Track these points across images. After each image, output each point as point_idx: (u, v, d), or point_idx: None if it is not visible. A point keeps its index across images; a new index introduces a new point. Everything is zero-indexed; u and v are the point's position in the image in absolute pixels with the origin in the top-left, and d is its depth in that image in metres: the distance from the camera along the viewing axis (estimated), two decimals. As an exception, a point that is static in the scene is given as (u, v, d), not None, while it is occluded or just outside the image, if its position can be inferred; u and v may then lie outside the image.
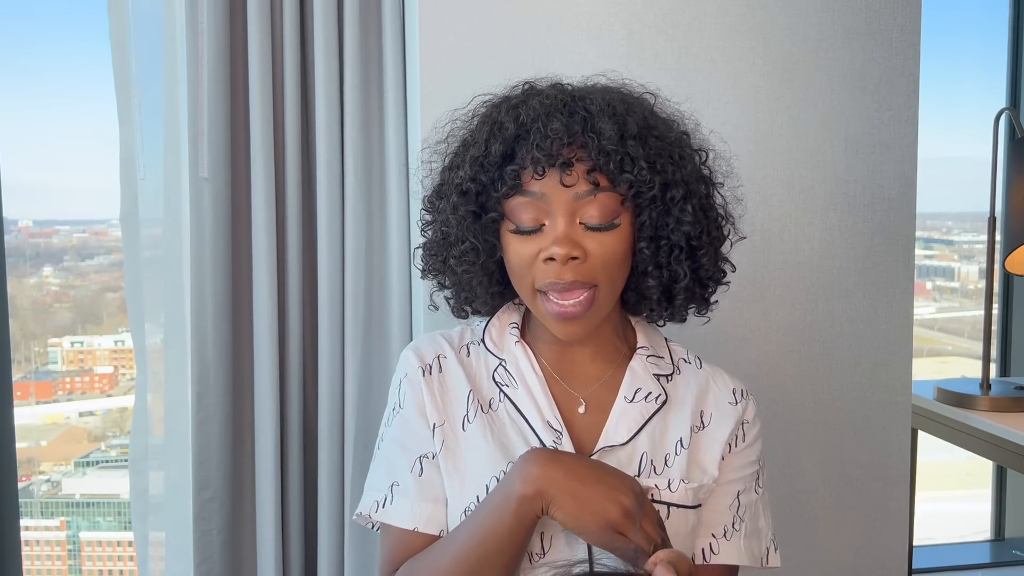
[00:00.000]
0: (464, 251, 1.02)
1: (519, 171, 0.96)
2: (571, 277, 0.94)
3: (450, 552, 0.95)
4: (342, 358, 1.58)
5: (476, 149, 0.99)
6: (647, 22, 1.49)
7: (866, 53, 1.55)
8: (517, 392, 1.03)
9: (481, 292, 1.06)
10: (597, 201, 0.95)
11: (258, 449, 1.56)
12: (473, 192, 0.99)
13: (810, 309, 1.58)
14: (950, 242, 2.89)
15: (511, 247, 0.98)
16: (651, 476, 1.00)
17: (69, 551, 2.78)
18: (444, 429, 1.03)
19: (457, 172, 1.01)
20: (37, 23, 2.49)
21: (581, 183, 0.94)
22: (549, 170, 0.94)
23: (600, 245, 0.95)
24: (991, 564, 2.49)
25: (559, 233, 0.94)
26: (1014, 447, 1.88)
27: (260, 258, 1.53)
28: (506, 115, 0.98)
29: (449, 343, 1.09)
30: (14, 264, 1.85)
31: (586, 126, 0.95)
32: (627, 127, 0.95)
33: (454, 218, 1.01)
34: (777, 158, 1.55)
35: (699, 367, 1.10)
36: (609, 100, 0.98)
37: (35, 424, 2.75)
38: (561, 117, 0.95)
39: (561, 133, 0.94)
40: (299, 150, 1.55)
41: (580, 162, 0.95)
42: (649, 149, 0.96)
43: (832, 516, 1.62)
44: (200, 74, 1.48)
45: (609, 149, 0.94)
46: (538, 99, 0.99)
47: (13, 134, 2.25)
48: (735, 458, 1.05)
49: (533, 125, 0.95)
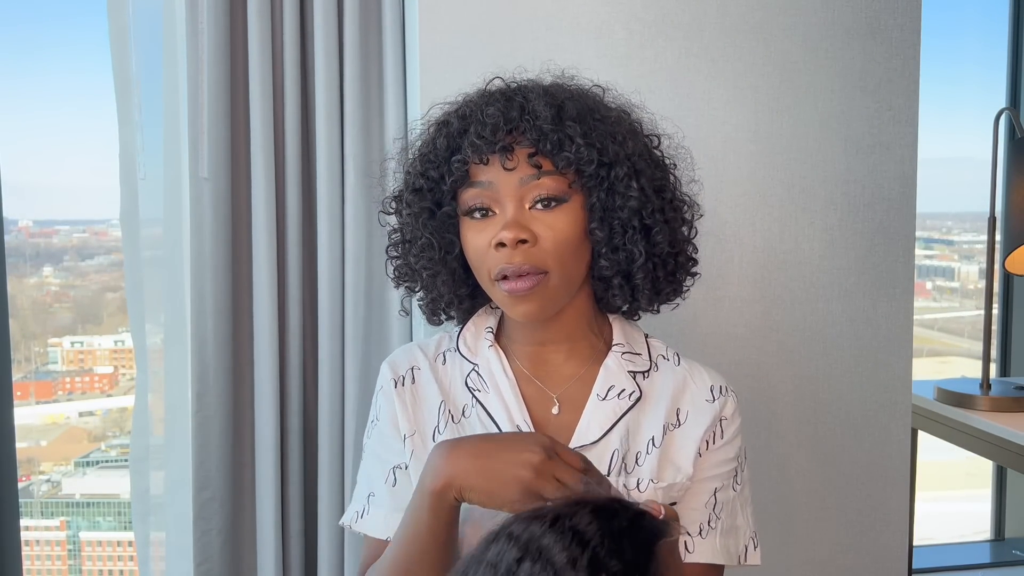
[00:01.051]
0: (422, 247, 1.03)
1: (464, 161, 0.98)
2: (520, 260, 0.95)
3: (387, 559, 0.97)
4: (342, 358, 1.58)
5: (425, 147, 1.02)
6: (647, 22, 1.49)
7: (866, 53, 1.56)
8: (488, 396, 1.03)
9: (447, 292, 1.06)
10: (541, 185, 0.96)
11: (258, 449, 1.56)
12: (425, 188, 1.01)
13: (810, 309, 1.58)
14: (950, 242, 2.89)
15: (467, 239, 1.00)
16: (621, 475, 1.00)
17: (69, 551, 2.78)
18: (415, 439, 1.04)
19: (409, 172, 1.04)
20: (37, 24, 2.49)
21: (523, 166, 0.96)
22: (491, 157, 0.96)
23: (549, 228, 0.96)
24: (991, 564, 2.49)
25: (509, 218, 0.96)
26: (1014, 447, 1.88)
27: (260, 258, 1.53)
28: (453, 114, 1.02)
29: (424, 353, 1.10)
30: (14, 264, 1.85)
31: (523, 111, 0.97)
32: (565, 109, 0.97)
33: (410, 216, 1.04)
34: (777, 158, 1.55)
35: (677, 364, 1.09)
36: (548, 88, 1.01)
37: (35, 424, 2.75)
38: (498, 104, 0.98)
39: (497, 118, 0.96)
40: (299, 150, 1.55)
41: (520, 146, 0.96)
42: (588, 128, 0.97)
43: (832, 516, 1.62)
44: (200, 74, 1.48)
45: (546, 129, 0.95)
46: (479, 95, 1.02)
47: (13, 134, 2.25)
48: (712, 455, 1.05)
49: (473, 116, 0.98)
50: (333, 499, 1.58)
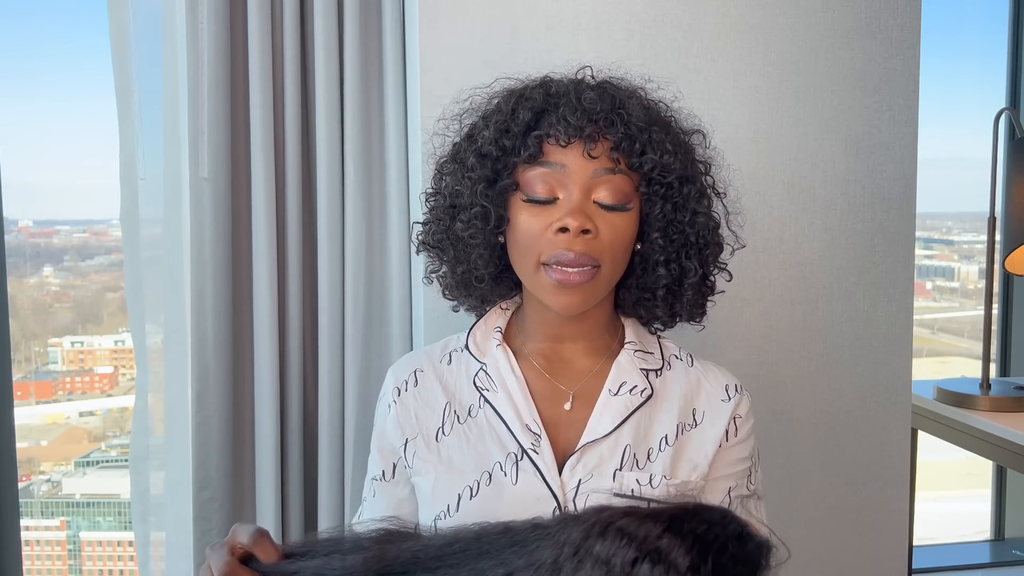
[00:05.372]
0: (473, 216, 1.00)
1: (543, 138, 0.96)
2: (581, 249, 0.94)
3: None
4: (342, 358, 1.58)
5: (500, 116, 1.00)
6: (647, 22, 1.49)
7: (866, 53, 1.56)
8: (497, 396, 1.03)
9: (480, 265, 1.04)
10: (612, 182, 0.96)
11: (258, 449, 1.56)
12: (493, 156, 0.99)
13: (810, 309, 1.58)
14: (950, 242, 2.89)
15: (520, 218, 0.98)
16: (633, 470, 1.00)
17: (69, 551, 2.78)
18: (416, 442, 1.04)
19: (477, 137, 1.01)
20: (37, 23, 2.49)
21: (603, 159, 0.96)
22: (574, 141, 0.96)
23: (610, 226, 0.96)
24: (991, 564, 2.48)
25: (574, 204, 0.95)
26: (1014, 447, 1.88)
27: (260, 258, 1.53)
28: (533, 91, 1.00)
29: (429, 356, 1.10)
30: (14, 264, 1.85)
31: (615, 104, 0.96)
32: (653, 114, 0.98)
33: (468, 181, 1.01)
34: (777, 158, 1.55)
35: (690, 364, 1.09)
36: (634, 89, 1.01)
37: (35, 424, 2.75)
38: (591, 94, 0.97)
39: (595, 103, 0.95)
40: (299, 150, 1.55)
41: (605, 138, 0.96)
42: (674, 139, 0.99)
43: (832, 516, 1.62)
44: (200, 74, 1.48)
45: (635, 129, 0.95)
46: (564, 81, 1.01)
47: (13, 134, 2.25)
48: (727, 453, 1.05)
49: (563, 98, 0.97)
50: (333, 499, 1.58)
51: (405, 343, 1.58)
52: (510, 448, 1.00)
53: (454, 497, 0.99)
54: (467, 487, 0.99)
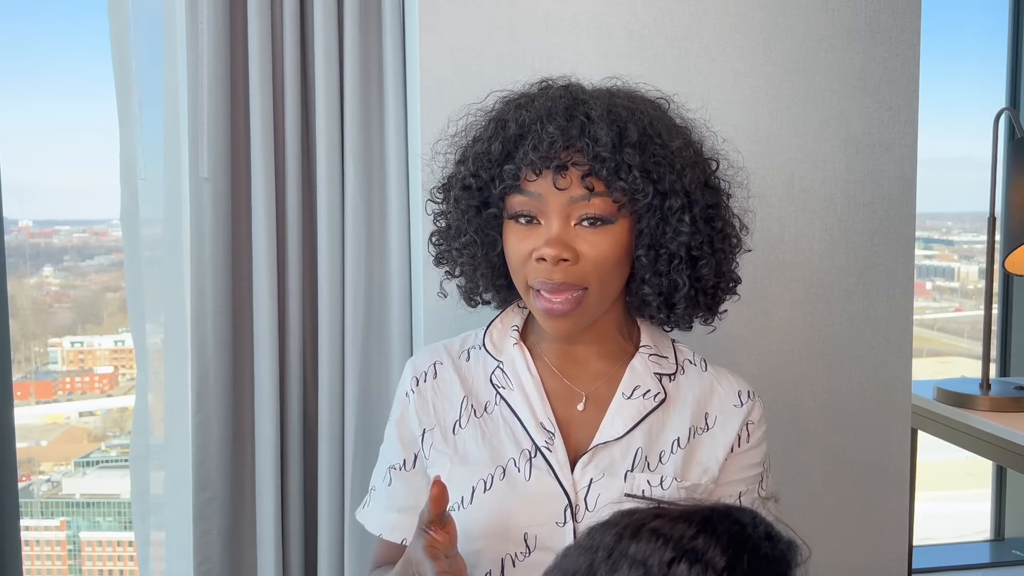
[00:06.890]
0: (465, 244, 1.04)
1: (517, 171, 0.97)
2: (560, 278, 0.96)
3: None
4: (342, 358, 1.58)
5: (480, 146, 1.01)
6: (647, 22, 1.49)
7: (866, 53, 1.56)
8: (513, 394, 1.05)
9: (485, 284, 1.08)
10: (592, 205, 0.96)
11: (258, 449, 1.56)
12: (475, 187, 1.01)
13: (810, 309, 1.58)
14: (950, 242, 2.89)
15: (509, 241, 1.00)
16: (644, 472, 1.01)
17: (69, 551, 2.78)
18: (434, 433, 1.06)
19: (461, 167, 1.03)
20: (37, 23, 2.49)
21: (575, 187, 0.95)
22: (544, 171, 0.96)
23: (593, 247, 0.96)
24: (991, 564, 2.48)
25: (552, 234, 0.96)
26: (1014, 447, 1.88)
27: (260, 258, 1.53)
28: (512, 114, 1.00)
29: (448, 350, 1.11)
30: (14, 264, 1.85)
31: (583, 131, 0.95)
32: (626, 134, 0.96)
33: (456, 211, 1.04)
34: (777, 158, 1.55)
35: (704, 369, 1.10)
36: (612, 105, 0.98)
37: (35, 424, 2.75)
38: (559, 120, 0.96)
39: (556, 137, 0.95)
40: (299, 150, 1.55)
41: (576, 166, 0.95)
42: (647, 157, 0.96)
43: (832, 516, 1.62)
44: (200, 74, 1.48)
45: (604, 156, 0.94)
46: (543, 100, 1.00)
47: (13, 134, 2.25)
48: (738, 459, 1.06)
49: (532, 127, 0.97)
50: (333, 499, 1.58)
51: (405, 343, 1.58)
52: (524, 445, 1.02)
53: (468, 489, 1.00)
54: (481, 480, 1.00)
